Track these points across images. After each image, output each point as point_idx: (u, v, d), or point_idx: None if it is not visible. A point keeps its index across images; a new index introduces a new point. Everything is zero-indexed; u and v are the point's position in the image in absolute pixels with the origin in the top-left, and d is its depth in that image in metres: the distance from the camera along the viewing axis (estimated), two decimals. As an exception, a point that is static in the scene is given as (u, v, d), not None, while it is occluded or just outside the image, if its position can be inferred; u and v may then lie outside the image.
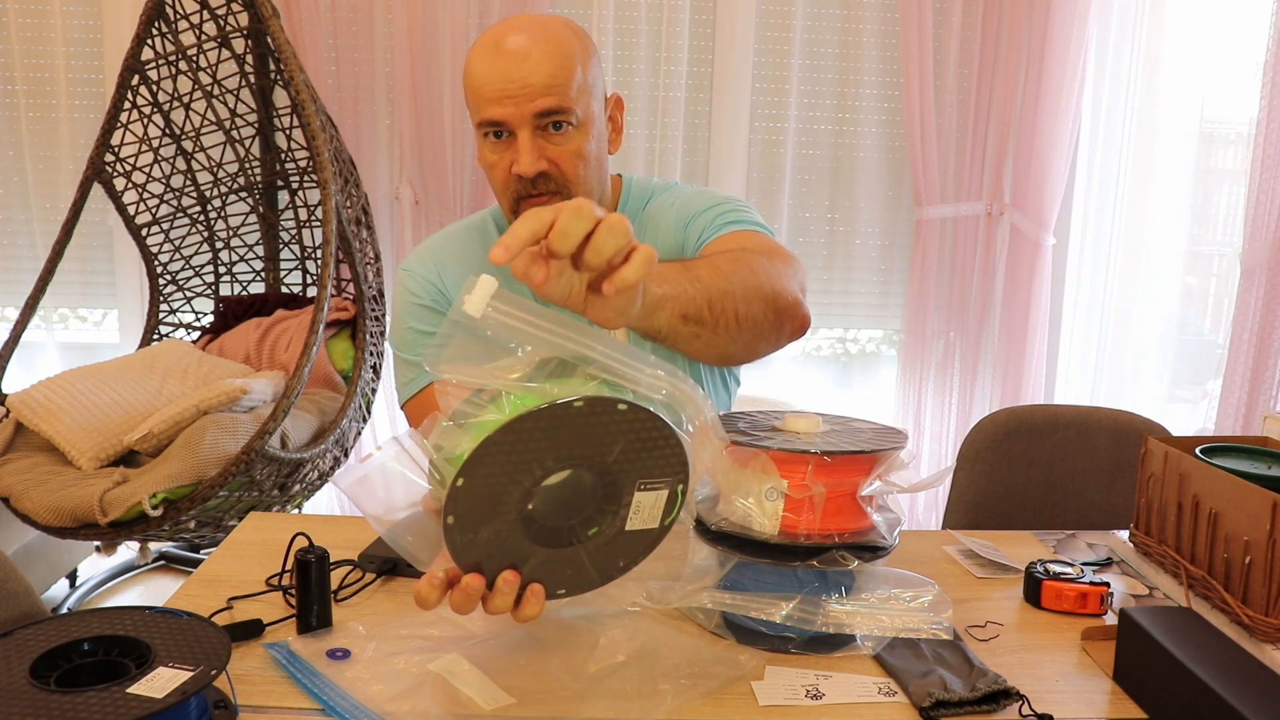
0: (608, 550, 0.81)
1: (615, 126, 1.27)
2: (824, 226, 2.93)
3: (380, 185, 2.80)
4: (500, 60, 1.13)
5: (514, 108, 1.13)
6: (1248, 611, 0.98)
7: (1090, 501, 1.65)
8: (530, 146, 1.14)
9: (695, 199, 1.30)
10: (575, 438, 0.74)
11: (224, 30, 2.48)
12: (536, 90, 1.12)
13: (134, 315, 2.84)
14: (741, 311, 0.97)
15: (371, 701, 0.82)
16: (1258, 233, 2.52)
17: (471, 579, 0.75)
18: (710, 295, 0.93)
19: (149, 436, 2.07)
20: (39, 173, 2.78)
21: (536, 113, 1.13)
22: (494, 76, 1.13)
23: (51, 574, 2.50)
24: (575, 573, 0.80)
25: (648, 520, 0.80)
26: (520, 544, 0.76)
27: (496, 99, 1.13)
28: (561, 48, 1.14)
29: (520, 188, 1.17)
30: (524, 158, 1.14)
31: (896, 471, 0.96)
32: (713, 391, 1.37)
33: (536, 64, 1.12)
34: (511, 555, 0.77)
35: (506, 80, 1.12)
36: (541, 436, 0.72)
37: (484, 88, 1.14)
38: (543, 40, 1.13)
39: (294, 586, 0.95)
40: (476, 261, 1.31)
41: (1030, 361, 2.89)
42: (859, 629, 0.93)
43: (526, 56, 1.12)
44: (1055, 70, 2.74)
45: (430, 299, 1.30)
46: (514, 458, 0.72)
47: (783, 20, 2.80)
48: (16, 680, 0.70)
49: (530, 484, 0.74)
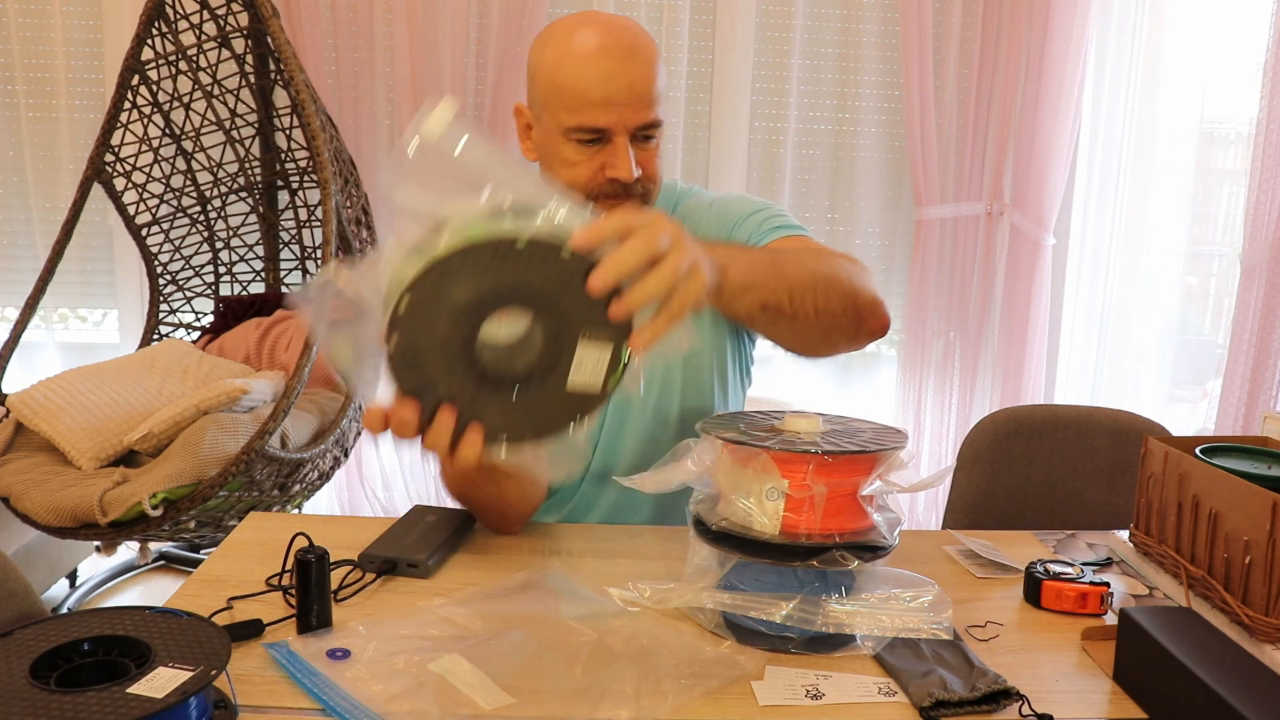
0: (549, 404, 0.79)
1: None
2: (824, 226, 2.93)
3: (380, 185, 2.80)
4: (603, 65, 1.12)
5: (618, 116, 1.13)
6: (1248, 611, 0.99)
7: (1090, 501, 1.65)
8: (630, 152, 1.15)
9: (735, 204, 1.31)
10: (522, 276, 0.73)
11: (224, 30, 2.48)
12: (643, 101, 1.14)
13: (134, 315, 2.84)
14: (821, 305, 1.00)
15: (371, 701, 0.81)
16: (1258, 233, 2.52)
17: (405, 408, 0.76)
18: (792, 287, 0.97)
19: (149, 436, 2.07)
20: (39, 173, 2.78)
21: (640, 125, 1.15)
22: (601, 80, 1.12)
23: (51, 574, 2.50)
24: (514, 420, 0.79)
25: (590, 378, 0.79)
26: (460, 380, 0.76)
27: (602, 104, 1.13)
28: (653, 55, 1.16)
29: (611, 189, 1.18)
30: (624, 164, 1.15)
31: (897, 471, 0.96)
32: (734, 384, 1.38)
33: (641, 73, 1.13)
34: (451, 389, 0.76)
35: (615, 87, 1.12)
36: (488, 269, 0.72)
37: (589, 92, 1.13)
38: (639, 49, 1.14)
39: (294, 586, 0.95)
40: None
41: (1030, 361, 2.89)
42: (859, 629, 0.93)
43: (632, 65, 1.13)
44: (1055, 70, 2.74)
45: None
46: (459, 286, 0.72)
47: (783, 20, 2.80)
48: (16, 680, 0.70)
49: (473, 317, 0.74)
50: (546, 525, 1.30)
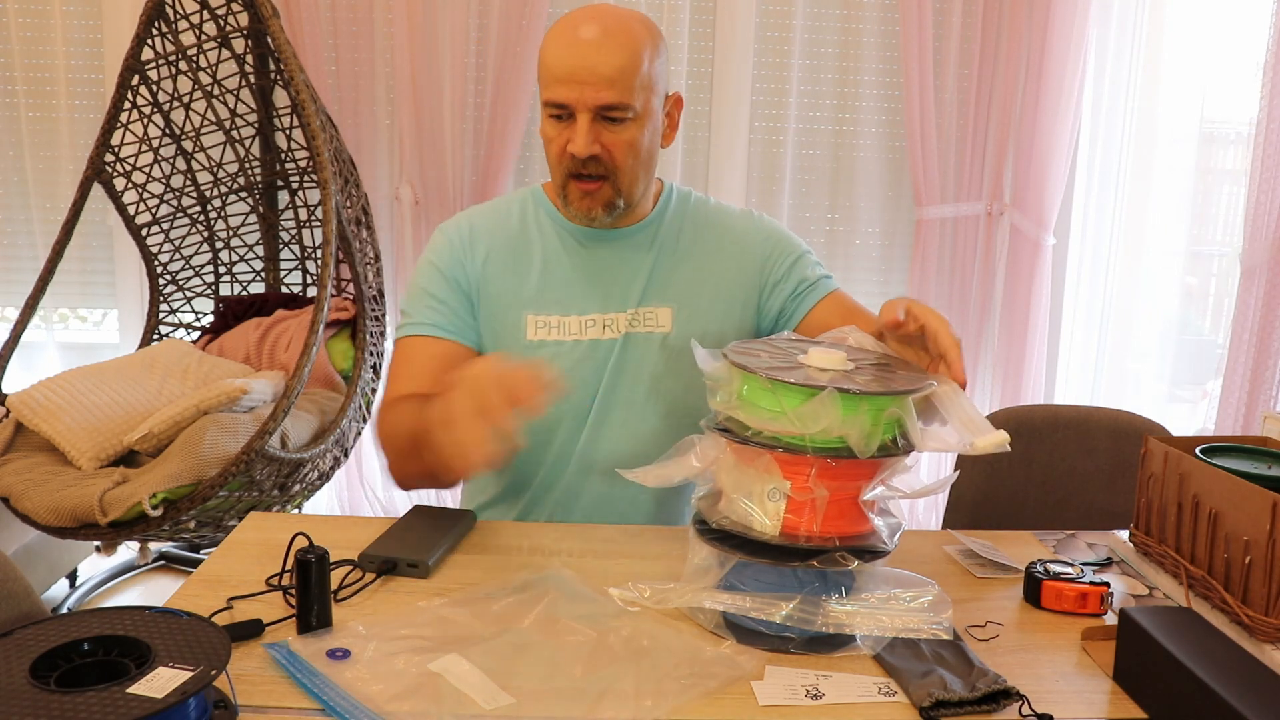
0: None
1: (671, 123, 1.33)
2: (824, 226, 2.93)
3: (380, 185, 2.80)
4: (574, 46, 1.20)
5: (577, 93, 1.19)
6: (1248, 611, 0.99)
7: (1090, 501, 1.65)
8: (587, 130, 1.21)
9: (782, 237, 1.40)
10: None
11: (224, 30, 2.48)
12: (602, 82, 1.19)
13: (134, 315, 2.84)
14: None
15: (371, 701, 0.82)
16: (1258, 233, 2.52)
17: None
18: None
19: (149, 436, 2.07)
20: (39, 173, 2.78)
21: (598, 105, 1.20)
22: (564, 59, 1.20)
23: (51, 574, 2.50)
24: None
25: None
26: None
27: (563, 80, 1.20)
28: (632, 42, 1.20)
29: (572, 165, 1.24)
30: (580, 139, 1.21)
31: (899, 475, 0.96)
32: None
33: (607, 56, 1.19)
34: None
35: (576, 66, 1.19)
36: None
37: (554, 67, 1.20)
38: (617, 34, 1.20)
39: (294, 586, 0.95)
40: (509, 241, 1.35)
41: (1030, 361, 2.89)
42: (859, 629, 0.93)
43: (599, 47, 1.19)
44: (1055, 70, 2.74)
45: (448, 267, 1.34)
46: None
47: (783, 20, 2.80)
48: (16, 680, 0.70)
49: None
50: (547, 525, 1.30)
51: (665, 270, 1.35)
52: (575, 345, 1.32)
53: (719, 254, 1.38)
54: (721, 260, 1.37)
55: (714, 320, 1.35)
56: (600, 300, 1.33)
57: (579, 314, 1.33)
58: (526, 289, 1.33)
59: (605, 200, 1.26)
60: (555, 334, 1.32)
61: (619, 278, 1.34)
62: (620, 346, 1.33)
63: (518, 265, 1.34)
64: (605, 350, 1.32)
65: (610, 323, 1.33)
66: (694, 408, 1.31)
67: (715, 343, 1.31)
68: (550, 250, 1.35)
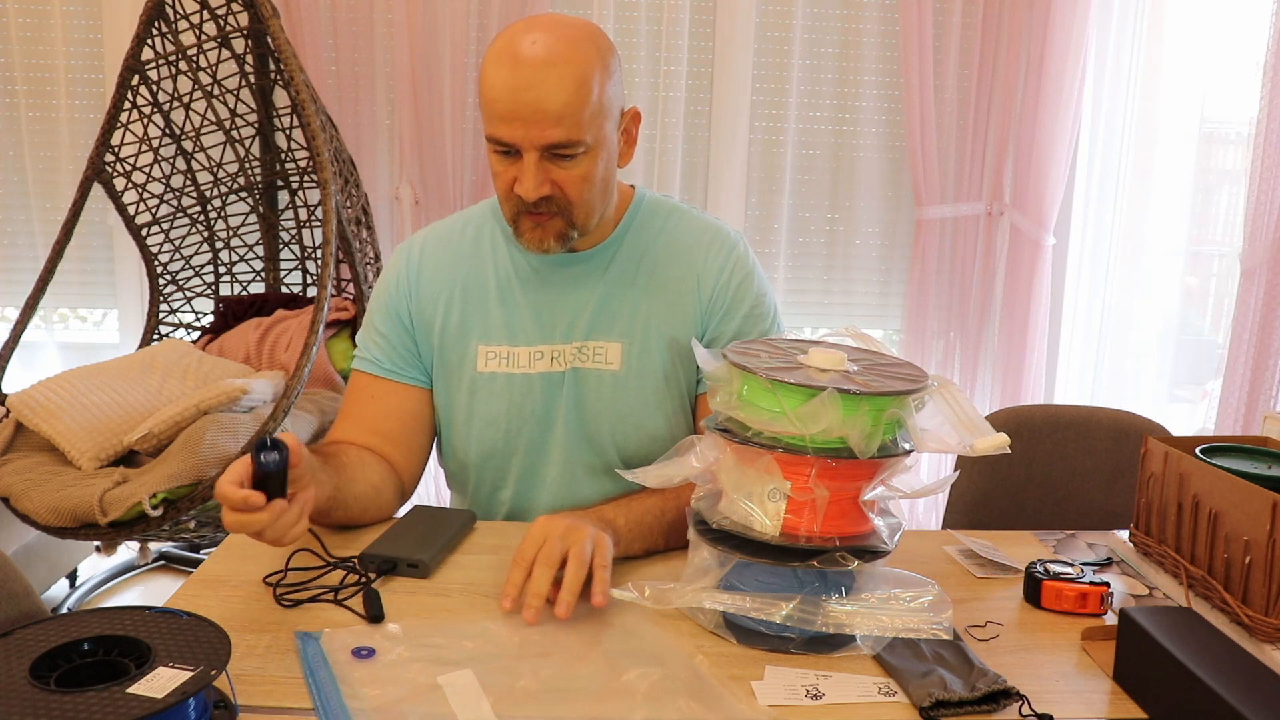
0: None
1: (629, 139, 1.24)
2: (824, 226, 2.93)
3: (380, 185, 2.80)
4: (515, 76, 1.08)
5: (523, 132, 1.10)
6: (1248, 611, 0.99)
7: (1090, 501, 1.65)
8: (535, 171, 1.12)
9: (742, 282, 1.29)
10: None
11: (224, 30, 2.48)
12: (548, 119, 1.09)
13: (134, 315, 2.84)
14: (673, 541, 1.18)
15: (359, 706, 0.81)
16: (1258, 233, 2.52)
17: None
18: (648, 548, 1.16)
19: (149, 436, 2.07)
20: (39, 173, 2.78)
21: (545, 144, 1.11)
22: (506, 93, 1.09)
23: (51, 574, 2.50)
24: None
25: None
26: None
27: (506, 118, 1.10)
28: (579, 70, 1.09)
29: (520, 204, 1.16)
30: (527, 181, 1.12)
31: (899, 475, 0.96)
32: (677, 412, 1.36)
33: (552, 89, 1.08)
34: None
35: (519, 102, 1.08)
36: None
37: (495, 103, 1.10)
38: (561, 61, 1.08)
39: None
40: (460, 267, 1.30)
41: (1030, 361, 2.89)
42: (859, 629, 0.93)
43: (543, 80, 1.08)
44: (1055, 70, 2.74)
45: (394, 301, 1.30)
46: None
47: (783, 20, 2.80)
48: (16, 680, 0.70)
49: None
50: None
51: (615, 302, 1.27)
52: (525, 378, 1.27)
53: (679, 285, 1.28)
54: (680, 292, 1.28)
55: (665, 359, 1.28)
56: (546, 331, 1.27)
57: (527, 345, 1.27)
58: (478, 317, 1.28)
59: (557, 232, 1.18)
60: (505, 365, 1.27)
61: (566, 308, 1.27)
62: (569, 381, 1.27)
63: (470, 292, 1.28)
64: (555, 384, 1.27)
65: (557, 354, 1.27)
66: (658, 439, 1.27)
67: (666, 381, 1.28)
68: (503, 276, 1.28)
